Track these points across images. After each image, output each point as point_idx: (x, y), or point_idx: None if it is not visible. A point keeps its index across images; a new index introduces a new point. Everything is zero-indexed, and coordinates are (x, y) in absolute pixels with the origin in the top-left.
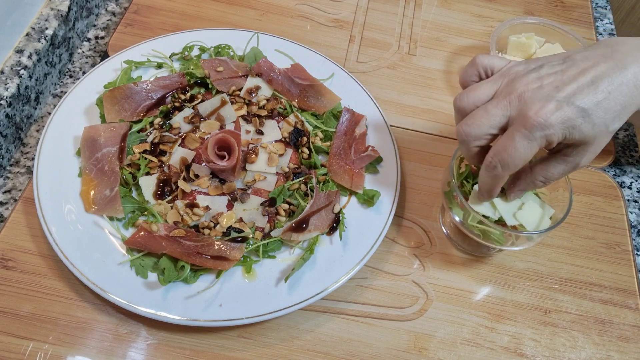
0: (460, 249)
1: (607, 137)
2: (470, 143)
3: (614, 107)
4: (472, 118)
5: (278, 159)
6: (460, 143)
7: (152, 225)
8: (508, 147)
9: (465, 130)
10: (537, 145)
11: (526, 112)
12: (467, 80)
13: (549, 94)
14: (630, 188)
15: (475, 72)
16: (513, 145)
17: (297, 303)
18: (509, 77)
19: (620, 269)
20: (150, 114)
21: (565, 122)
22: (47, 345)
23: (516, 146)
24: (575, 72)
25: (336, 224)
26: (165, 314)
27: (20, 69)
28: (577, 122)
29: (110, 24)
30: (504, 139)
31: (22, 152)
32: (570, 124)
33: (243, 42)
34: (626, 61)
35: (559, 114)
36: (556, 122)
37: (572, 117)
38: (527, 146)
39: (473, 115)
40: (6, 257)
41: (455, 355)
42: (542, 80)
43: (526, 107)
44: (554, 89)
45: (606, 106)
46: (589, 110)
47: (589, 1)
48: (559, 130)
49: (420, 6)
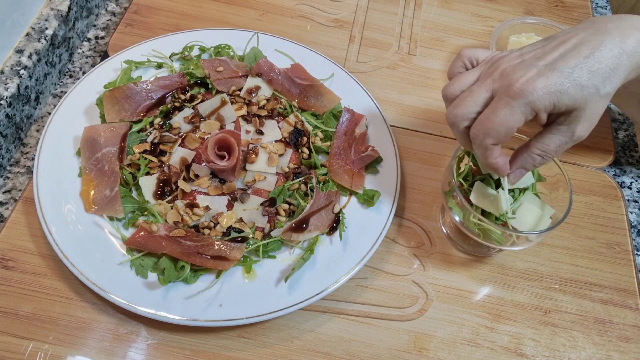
0: (460, 249)
1: (601, 102)
2: (459, 124)
3: (601, 68)
4: (458, 100)
5: (278, 159)
6: (450, 126)
7: (152, 225)
8: (490, 115)
9: (453, 112)
10: (520, 112)
11: (509, 82)
12: (453, 72)
13: (530, 64)
14: (630, 188)
15: (461, 63)
16: (495, 113)
17: (297, 303)
18: (491, 61)
19: (620, 269)
20: (150, 114)
21: (550, 87)
22: (47, 345)
23: (498, 113)
24: (555, 44)
25: (336, 224)
26: (165, 314)
27: (20, 69)
28: (564, 86)
29: (110, 24)
30: (487, 109)
31: (22, 152)
32: (557, 88)
33: (243, 42)
34: (607, 27)
35: (542, 80)
36: (540, 88)
37: (557, 82)
38: (509, 113)
39: (459, 98)
40: (6, 257)
41: (455, 355)
42: (524, 56)
43: (508, 79)
44: (535, 59)
45: (591, 68)
46: (573, 73)
47: (589, 1)
48: (544, 97)
49: (420, 6)
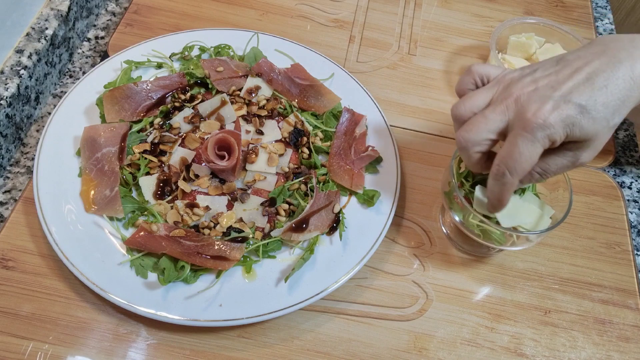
0: (460, 249)
1: (609, 133)
2: (469, 149)
3: (613, 101)
4: (470, 124)
5: (278, 159)
6: (460, 150)
7: (152, 225)
8: (513, 152)
9: (465, 137)
10: (540, 146)
11: (524, 114)
12: (463, 89)
13: (544, 94)
14: (630, 188)
15: (472, 80)
16: (518, 150)
17: (297, 303)
18: (503, 83)
19: (620, 269)
20: (150, 114)
21: (565, 120)
22: (47, 345)
23: (521, 150)
24: (569, 72)
25: (336, 224)
26: (165, 314)
27: (20, 69)
28: (577, 119)
29: (110, 24)
30: (507, 144)
31: (22, 152)
32: (570, 121)
33: (243, 42)
34: (620, 56)
35: (557, 113)
36: (555, 121)
37: (571, 115)
38: (531, 148)
39: (471, 122)
40: (6, 257)
41: (455, 355)
42: (537, 82)
43: (524, 110)
44: (549, 89)
45: (604, 101)
46: (587, 106)
47: (589, 1)
48: (559, 129)
49: (420, 6)
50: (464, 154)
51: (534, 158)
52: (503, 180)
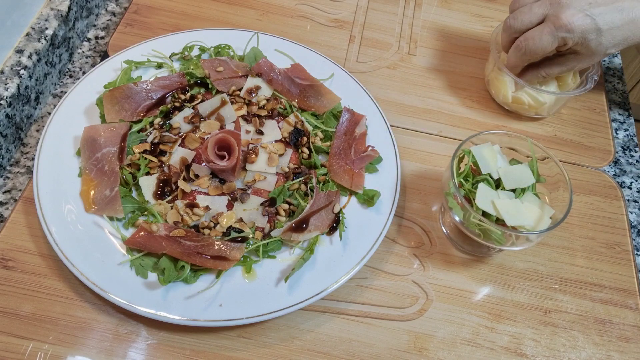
0: (460, 249)
1: (601, 57)
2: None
3: (619, 36)
4: (518, 13)
5: (278, 159)
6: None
7: (152, 225)
8: (535, 37)
9: (511, 23)
10: (556, 42)
11: (559, 14)
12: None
13: (581, 7)
14: (630, 188)
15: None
16: (540, 37)
17: (297, 303)
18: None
19: (620, 269)
20: (150, 114)
21: (583, 32)
22: (47, 345)
23: (542, 38)
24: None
25: (336, 224)
26: (165, 314)
27: (20, 69)
28: (590, 36)
29: (110, 24)
30: (536, 30)
31: (22, 152)
32: (586, 35)
33: (243, 42)
34: None
35: (582, 23)
36: (578, 30)
37: (589, 30)
38: (550, 41)
39: (520, 11)
40: (6, 257)
41: (455, 355)
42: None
43: (560, 11)
44: (587, 4)
45: (615, 34)
46: (603, 31)
47: None
48: (576, 37)
49: (420, 6)
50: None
51: (548, 48)
52: (519, 53)
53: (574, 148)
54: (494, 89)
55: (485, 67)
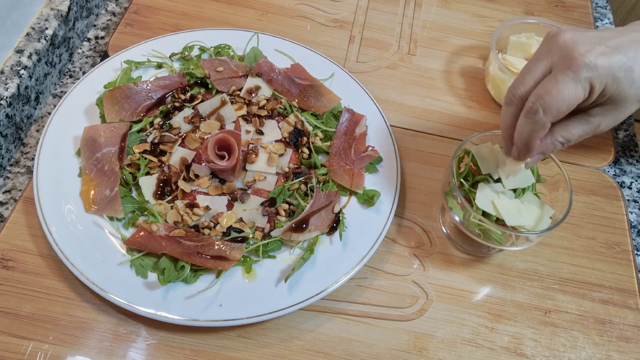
0: (460, 249)
1: (635, 106)
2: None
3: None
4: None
5: (278, 159)
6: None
7: (152, 225)
8: (551, 89)
9: (512, 92)
10: (581, 88)
11: (571, 53)
12: None
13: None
14: (630, 188)
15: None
16: (557, 87)
17: (297, 303)
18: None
19: (620, 269)
20: (150, 114)
21: (610, 68)
22: (47, 345)
23: (560, 88)
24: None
25: (336, 224)
26: (165, 314)
27: (20, 69)
28: (620, 74)
29: (110, 24)
30: (547, 81)
31: (22, 152)
32: (614, 72)
33: (243, 42)
34: None
35: (606, 58)
36: (603, 65)
37: (616, 66)
38: (572, 87)
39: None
40: (6, 257)
41: (455, 355)
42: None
43: (570, 50)
44: (599, 37)
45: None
46: (633, 65)
47: (589, 1)
48: (603, 75)
49: (420, 6)
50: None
51: (572, 100)
52: (535, 119)
53: (573, 148)
54: (494, 89)
55: (485, 67)
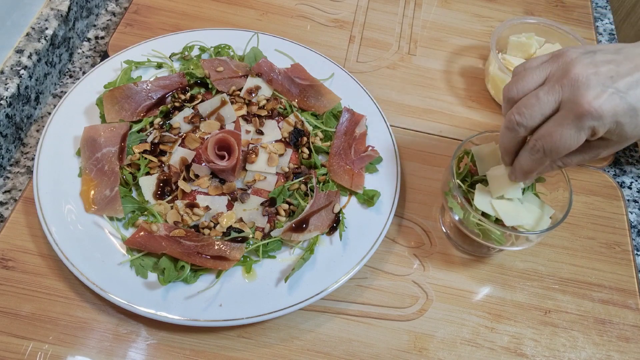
0: (460, 249)
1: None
2: (519, 132)
3: None
4: (523, 106)
5: (278, 159)
6: (508, 130)
7: (152, 225)
8: (554, 133)
9: (517, 120)
10: (584, 135)
11: (579, 98)
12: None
13: (604, 83)
14: (630, 188)
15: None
16: (560, 132)
17: (297, 303)
18: (561, 59)
19: (620, 269)
20: (150, 114)
21: (614, 115)
22: (47, 345)
23: (563, 133)
24: (630, 67)
25: (336, 224)
26: (165, 314)
27: (20, 69)
28: (624, 119)
29: (110, 24)
30: (552, 124)
31: (22, 152)
32: (618, 119)
33: (243, 42)
34: None
35: (611, 106)
36: (607, 114)
37: (620, 113)
38: (575, 136)
39: (524, 104)
40: (6, 257)
41: (455, 355)
42: (598, 67)
43: (579, 94)
44: (609, 78)
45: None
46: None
47: (589, 1)
48: (607, 123)
49: (420, 6)
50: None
51: (573, 145)
52: (536, 156)
53: None
54: (494, 89)
55: (485, 67)
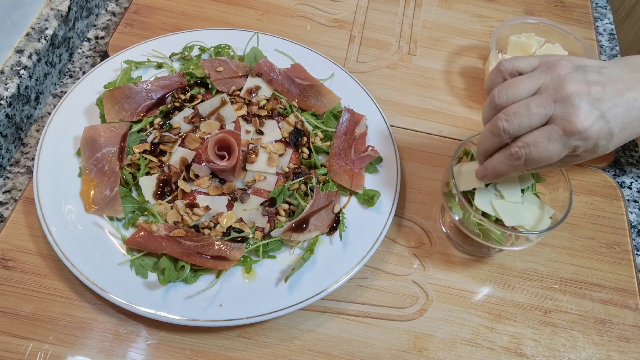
0: (460, 249)
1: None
2: (503, 139)
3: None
4: (512, 115)
5: (278, 159)
6: (493, 135)
7: (152, 225)
8: (540, 144)
9: (504, 127)
10: (566, 151)
11: (571, 117)
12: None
13: (593, 105)
14: (630, 188)
15: (501, 79)
16: (545, 145)
17: (297, 303)
18: (554, 72)
19: (620, 269)
20: (150, 114)
21: (597, 137)
22: (47, 345)
23: (548, 147)
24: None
25: (336, 224)
26: (165, 314)
27: (20, 69)
28: (602, 142)
29: (110, 24)
30: (539, 134)
31: (22, 152)
32: (597, 141)
33: (243, 42)
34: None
35: (597, 129)
36: (592, 136)
37: (602, 136)
38: (559, 150)
39: (514, 112)
40: (6, 257)
41: (455, 355)
42: (590, 86)
43: (572, 112)
44: (597, 100)
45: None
46: (615, 134)
47: (589, 1)
48: (590, 143)
49: (420, 6)
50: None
51: (555, 159)
52: (515, 163)
53: None
54: None
55: (485, 67)
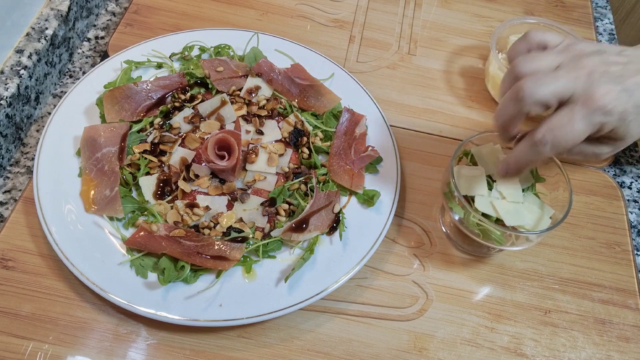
0: (460, 249)
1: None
2: (526, 103)
3: None
4: (538, 77)
5: (278, 159)
6: (514, 102)
7: (152, 225)
8: (566, 125)
9: (530, 87)
10: (591, 130)
11: (593, 92)
12: (516, 54)
13: (614, 81)
14: (630, 188)
15: (527, 47)
16: (572, 125)
17: (297, 303)
18: (573, 52)
19: (620, 269)
20: (150, 114)
21: (622, 112)
22: (47, 345)
23: (574, 126)
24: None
25: (336, 224)
26: (165, 314)
27: (20, 69)
28: (631, 117)
29: (110, 24)
30: (562, 115)
31: (22, 152)
32: (625, 116)
33: (243, 42)
34: None
35: (620, 103)
36: (617, 111)
37: (629, 110)
38: (584, 129)
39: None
40: (6, 257)
41: (455, 355)
42: (609, 66)
43: (594, 87)
44: (618, 77)
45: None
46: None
47: (589, 1)
48: (615, 119)
49: (420, 6)
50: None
51: (581, 138)
52: (539, 150)
53: None
54: (494, 89)
55: (485, 67)
